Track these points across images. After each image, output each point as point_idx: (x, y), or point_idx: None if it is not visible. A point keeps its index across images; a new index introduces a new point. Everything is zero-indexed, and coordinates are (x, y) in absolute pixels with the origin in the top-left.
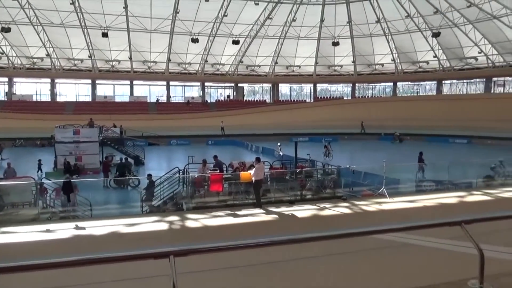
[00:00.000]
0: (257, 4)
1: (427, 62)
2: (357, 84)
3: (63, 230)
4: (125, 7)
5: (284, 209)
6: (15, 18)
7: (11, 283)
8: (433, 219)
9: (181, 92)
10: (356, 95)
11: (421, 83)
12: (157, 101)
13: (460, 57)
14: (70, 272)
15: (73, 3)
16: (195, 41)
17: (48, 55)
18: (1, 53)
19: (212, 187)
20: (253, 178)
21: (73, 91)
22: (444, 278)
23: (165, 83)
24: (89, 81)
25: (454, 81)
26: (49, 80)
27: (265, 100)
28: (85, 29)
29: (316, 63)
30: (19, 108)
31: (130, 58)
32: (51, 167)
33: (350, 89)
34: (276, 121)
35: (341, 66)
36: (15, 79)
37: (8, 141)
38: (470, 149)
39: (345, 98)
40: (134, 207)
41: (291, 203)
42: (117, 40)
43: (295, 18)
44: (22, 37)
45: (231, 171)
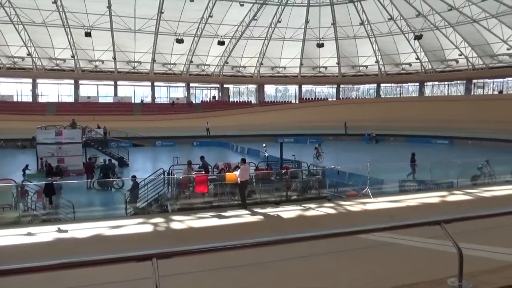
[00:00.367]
0: (242, 5)
1: (410, 64)
2: (341, 86)
3: (45, 233)
4: (109, 7)
5: (270, 210)
6: None
7: None
8: (414, 218)
9: (166, 93)
10: (341, 96)
11: (404, 84)
12: (142, 102)
13: (442, 59)
14: (50, 277)
15: (55, 2)
16: (180, 41)
17: (29, 54)
18: None
19: (197, 188)
20: (238, 179)
21: (55, 91)
22: (425, 277)
23: (149, 83)
24: (71, 81)
25: (436, 83)
26: (30, 80)
27: (250, 101)
28: (68, 29)
29: (301, 64)
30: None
31: (114, 58)
32: (35, 169)
33: (334, 90)
34: (262, 122)
35: (325, 67)
36: None
37: None
38: (451, 149)
39: (329, 99)
40: (118, 209)
41: (277, 204)
42: (100, 40)
43: (280, 20)
44: (2, 36)
45: (216, 172)
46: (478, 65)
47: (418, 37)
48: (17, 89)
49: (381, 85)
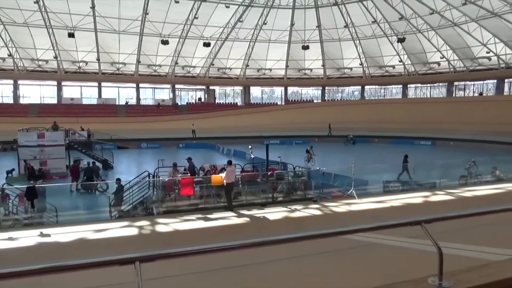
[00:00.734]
0: (228, 7)
1: (393, 67)
2: (326, 87)
3: (26, 238)
4: (92, 7)
5: (256, 212)
6: None
7: None
8: (397, 219)
9: (151, 95)
10: (326, 98)
11: (388, 87)
12: (127, 103)
13: (424, 62)
14: (30, 282)
15: (37, 1)
16: (165, 43)
17: (10, 55)
18: None
19: (183, 190)
20: (224, 181)
21: (37, 93)
22: (407, 276)
23: (134, 85)
24: (54, 82)
25: (419, 85)
26: (11, 81)
27: (236, 103)
28: (50, 29)
29: (287, 66)
30: None
31: (98, 59)
32: (16, 172)
33: (320, 92)
34: (248, 123)
35: (311, 69)
36: None
37: None
38: (434, 150)
39: (315, 101)
40: (103, 212)
41: (263, 205)
42: (84, 40)
43: (265, 22)
44: None
45: (202, 174)
46: (459, 67)
47: (401, 40)
48: None
49: (366, 87)
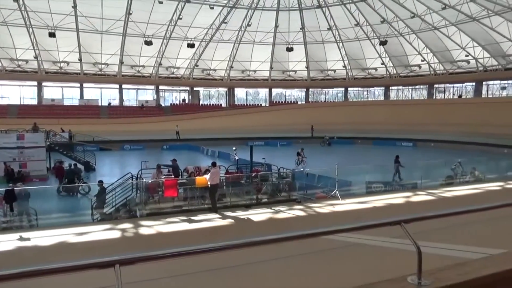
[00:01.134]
0: (212, 8)
1: (376, 69)
2: (310, 89)
3: (5, 242)
4: (74, 7)
5: (240, 213)
6: None
7: None
8: (378, 219)
9: (134, 96)
10: (310, 99)
11: (370, 89)
12: (109, 104)
13: (405, 64)
14: (7, 287)
15: (16, 0)
16: (148, 43)
17: None
18: None
19: (167, 192)
20: (208, 183)
21: (17, 93)
22: (387, 275)
23: (117, 86)
24: (34, 83)
25: (400, 87)
26: None
27: (220, 104)
28: (30, 28)
29: (271, 68)
30: None
31: (80, 59)
32: None
33: (304, 94)
34: (232, 125)
35: (295, 71)
36: None
37: None
38: (415, 151)
39: (299, 103)
40: (84, 215)
41: (247, 207)
42: (65, 40)
43: (250, 23)
44: None
45: (186, 176)
46: (439, 70)
47: (383, 43)
48: None
49: (349, 89)
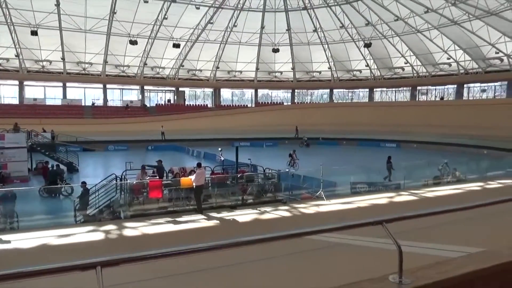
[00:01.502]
0: (198, 8)
1: (360, 71)
2: (296, 90)
3: None
4: (57, 5)
5: (226, 214)
6: None
7: None
8: (361, 219)
9: (119, 96)
10: (296, 101)
11: (355, 90)
12: (93, 104)
13: (389, 66)
14: None
15: None
16: (133, 43)
17: None
18: None
19: (151, 193)
20: (194, 184)
21: None
22: (370, 274)
23: (101, 86)
24: (16, 82)
25: (384, 89)
26: None
27: (206, 105)
28: (12, 26)
29: (257, 69)
30: None
31: (63, 58)
32: None
33: (290, 95)
34: (218, 126)
35: (281, 72)
36: None
37: None
38: (399, 152)
39: (285, 104)
40: (67, 217)
41: (233, 208)
42: (48, 39)
43: (236, 24)
44: None
45: (171, 177)
46: (422, 73)
47: (367, 45)
48: None
49: (334, 90)
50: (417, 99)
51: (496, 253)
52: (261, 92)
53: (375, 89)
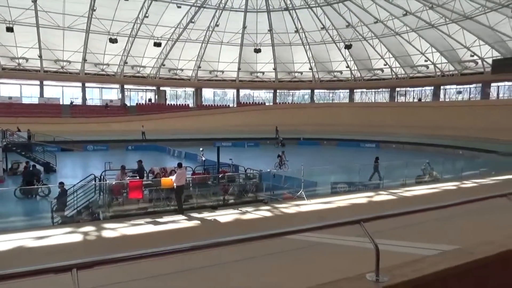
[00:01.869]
0: (180, 7)
1: (341, 72)
2: (278, 91)
3: None
4: (34, 1)
5: (207, 215)
6: None
7: None
8: (340, 218)
9: (98, 95)
10: (277, 101)
11: (336, 91)
12: (71, 103)
13: (369, 68)
14: None
15: None
16: (113, 41)
17: None
18: None
19: (131, 194)
20: (174, 184)
21: None
22: (348, 273)
23: (80, 84)
24: None
25: (364, 90)
26: None
27: (188, 105)
28: None
29: (239, 69)
30: None
31: (40, 56)
32: None
33: (271, 95)
34: (199, 126)
35: (263, 72)
36: None
37: None
38: (378, 152)
39: (267, 104)
40: (44, 218)
41: (214, 208)
42: (24, 36)
43: (218, 24)
44: None
45: (152, 177)
46: (400, 74)
47: (348, 47)
48: None
49: (315, 91)
50: (395, 100)
51: (469, 251)
52: (243, 92)
53: (355, 90)
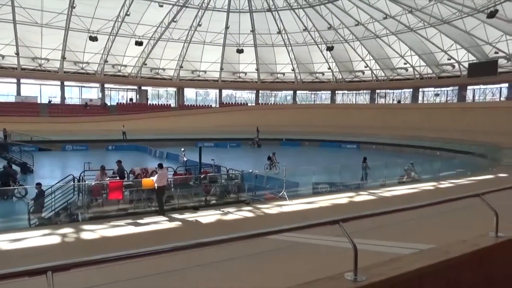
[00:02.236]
0: (162, 6)
1: (323, 73)
2: (260, 91)
3: None
4: None
5: (188, 216)
6: None
7: None
8: (320, 218)
9: (77, 94)
10: (260, 101)
11: (318, 92)
12: (50, 102)
13: (350, 70)
14: None
15: None
16: (93, 39)
17: None
18: None
19: (111, 195)
20: (155, 185)
21: None
22: (327, 273)
23: (59, 83)
24: None
25: (345, 91)
26: None
27: (169, 105)
28: None
29: (221, 69)
30: None
31: (17, 53)
32: None
33: (254, 96)
34: (181, 126)
35: (245, 73)
36: None
37: None
38: (359, 153)
39: (249, 105)
40: (20, 220)
41: (195, 209)
42: (0, 32)
43: (200, 23)
44: None
45: (132, 178)
46: (380, 76)
47: (329, 49)
48: None
49: (297, 92)
50: (376, 102)
51: (444, 250)
52: (225, 92)
53: (336, 92)
